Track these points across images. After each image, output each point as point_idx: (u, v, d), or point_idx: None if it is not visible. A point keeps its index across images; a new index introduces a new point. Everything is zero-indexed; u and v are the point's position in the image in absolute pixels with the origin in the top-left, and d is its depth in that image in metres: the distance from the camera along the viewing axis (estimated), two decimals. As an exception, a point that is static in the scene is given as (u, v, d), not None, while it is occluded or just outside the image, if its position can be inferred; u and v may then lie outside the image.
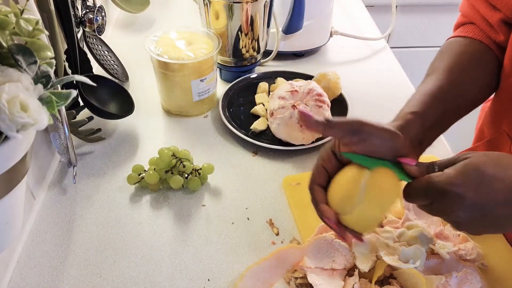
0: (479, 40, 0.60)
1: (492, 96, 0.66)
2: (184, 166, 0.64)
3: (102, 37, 0.84)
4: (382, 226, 0.57)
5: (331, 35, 1.01)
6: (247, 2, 0.78)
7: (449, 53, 0.60)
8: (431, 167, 0.43)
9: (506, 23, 0.58)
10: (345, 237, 0.47)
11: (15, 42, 0.37)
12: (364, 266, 0.51)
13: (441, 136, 0.77)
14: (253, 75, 0.88)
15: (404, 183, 0.45)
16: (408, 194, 0.44)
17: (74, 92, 0.38)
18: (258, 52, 0.88)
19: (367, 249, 0.52)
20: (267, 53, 0.93)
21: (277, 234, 0.60)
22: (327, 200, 0.48)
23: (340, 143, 0.47)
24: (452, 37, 0.64)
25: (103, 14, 0.79)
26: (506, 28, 0.58)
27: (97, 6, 0.77)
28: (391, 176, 0.44)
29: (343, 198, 0.46)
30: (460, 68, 0.57)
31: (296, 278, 0.53)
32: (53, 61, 0.40)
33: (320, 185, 0.49)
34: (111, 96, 0.76)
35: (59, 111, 0.61)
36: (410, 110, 0.51)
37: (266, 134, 0.76)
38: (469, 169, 0.40)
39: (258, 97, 0.83)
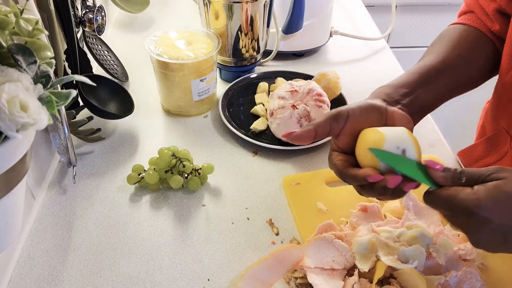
0: (475, 27, 0.63)
1: (491, 94, 0.67)
2: (184, 166, 0.64)
3: (102, 37, 0.84)
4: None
5: (331, 35, 1.01)
6: (246, 2, 0.78)
7: (445, 37, 0.63)
8: (458, 176, 0.42)
9: (501, 12, 0.61)
10: (398, 181, 0.44)
11: (15, 42, 0.37)
12: (364, 266, 0.51)
13: (441, 136, 0.77)
14: (253, 75, 0.88)
15: None
16: (431, 201, 0.43)
17: (74, 92, 0.38)
18: (258, 52, 0.88)
19: (367, 249, 0.52)
20: (267, 53, 0.93)
21: (277, 234, 0.60)
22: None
23: (335, 139, 0.49)
24: (452, 24, 0.67)
25: (103, 14, 0.79)
26: (501, 17, 0.61)
27: (97, 6, 0.77)
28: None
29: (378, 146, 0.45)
30: (450, 49, 0.59)
31: (296, 278, 0.53)
32: (53, 61, 0.40)
33: (340, 151, 0.49)
34: (111, 96, 0.76)
35: (59, 111, 0.61)
36: (394, 82, 0.55)
37: (266, 134, 0.76)
38: (500, 193, 0.39)
39: (258, 97, 0.83)
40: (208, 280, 0.54)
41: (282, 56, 0.97)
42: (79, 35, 0.76)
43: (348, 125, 0.48)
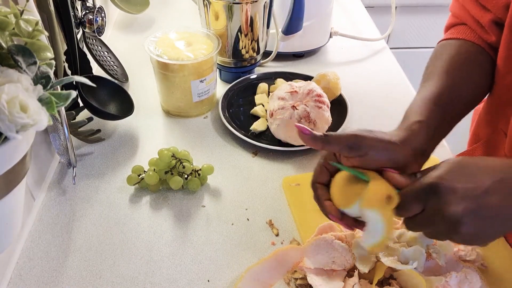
0: (471, 41, 0.60)
1: (485, 98, 0.66)
2: (183, 167, 0.64)
3: (101, 37, 0.84)
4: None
5: (330, 36, 1.01)
6: (246, 3, 0.78)
7: (443, 56, 0.60)
8: (414, 175, 0.44)
9: (497, 23, 0.58)
10: (352, 227, 0.47)
11: (15, 42, 0.37)
12: (364, 267, 0.51)
13: (442, 141, 0.77)
14: (253, 76, 0.88)
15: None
16: (401, 205, 0.43)
17: (74, 93, 0.38)
18: (257, 52, 0.88)
19: (366, 251, 0.52)
20: (266, 54, 0.93)
21: (277, 235, 0.60)
22: (330, 197, 0.48)
23: (341, 155, 0.48)
24: (444, 39, 0.64)
25: (102, 15, 0.79)
26: (497, 28, 0.58)
27: (97, 7, 0.77)
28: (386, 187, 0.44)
29: (343, 199, 0.46)
30: (456, 71, 0.57)
31: (296, 278, 0.53)
32: (53, 61, 0.40)
33: (322, 183, 0.49)
34: (110, 97, 0.76)
35: (58, 111, 0.61)
36: (416, 119, 0.50)
37: (266, 135, 0.76)
38: (452, 165, 0.41)
39: (258, 98, 0.83)
40: (208, 281, 0.54)
41: (282, 57, 0.97)
42: (79, 36, 0.76)
43: (361, 159, 0.45)
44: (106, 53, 0.87)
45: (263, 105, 0.81)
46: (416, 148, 0.47)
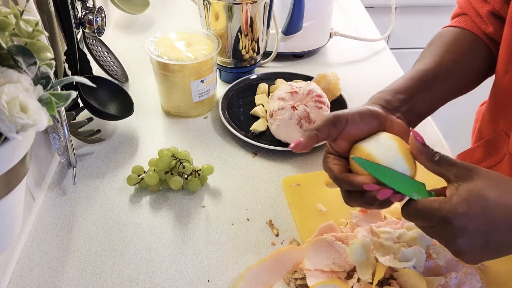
0: (469, 30, 0.62)
1: (488, 97, 0.67)
2: (183, 167, 0.64)
3: (101, 38, 0.84)
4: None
5: (330, 36, 1.01)
6: (246, 3, 0.78)
7: (439, 40, 0.62)
8: (432, 153, 0.43)
9: (495, 15, 0.60)
10: (388, 195, 0.45)
11: (15, 43, 0.37)
12: (366, 275, 0.51)
13: (441, 138, 0.77)
14: (253, 76, 0.88)
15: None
16: (408, 213, 0.44)
17: (74, 93, 0.38)
18: (257, 53, 0.88)
19: (364, 255, 0.52)
20: (266, 54, 0.93)
21: (277, 235, 0.60)
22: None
23: (332, 142, 0.49)
24: (445, 27, 0.66)
25: (102, 15, 0.79)
26: (495, 20, 0.60)
27: (97, 7, 0.77)
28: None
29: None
30: (445, 53, 0.59)
31: (296, 279, 0.53)
32: (53, 62, 0.40)
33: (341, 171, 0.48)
34: (110, 97, 0.77)
35: (58, 112, 0.61)
36: (381, 90, 0.54)
37: (266, 135, 0.76)
38: (473, 197, 0.40)
39: (258, 98, 0.83)
40: (208, 281, 0.54)
41: (282, 57, 0.97)
42: (79, 36, 0.76)
43: (347, 130, 0.47)
44: (106, 53, 0.87)
45: (263, 106, 0.81)
46: (390, 105, 0.51)
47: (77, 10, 0.75)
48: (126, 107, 0.76)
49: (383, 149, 0.45)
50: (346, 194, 0.47)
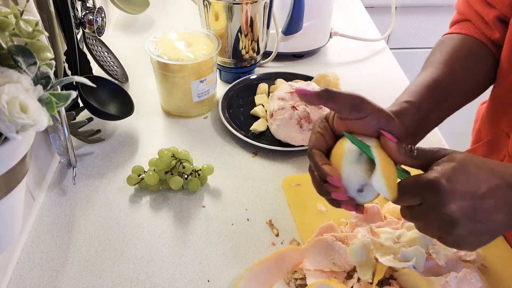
0: (473, 36, 0.61)
1: (488, 97, 0.66)
2: (183, 167, 0.64)
3: (101, 38, 0.84)
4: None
5: (330, 36, 1.01)
6: (246, 3, 0.78)
7: (444, 47, 0.61)
8: (409, 149, 0.43)
9: (502, 20, 0.59)
10: (347, 204, 0.45)
11: (15, 43, 0.37)
12: (366, 276, 0.51)
13: (441, 137, 0.77)
14: (253, 76, 0.88)
15: None
16: (399, 195, 0.43)
17: (74, 93, 0.38)
18: (257, 53, 0.88)
19: (363, 255, 0.52)
20: (266, 54, 0.93)
21: (277, 235, 0.60)
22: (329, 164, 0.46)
23: (336, 116, 0.47)
24: (447, 33, 0.65)
25: (102, 15, 0.79)
26: (502, 25, 0.59)
27: (97, 7, 0.77)
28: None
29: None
30: (455, 61, 0.58)
31: (296, 279, 0.53)
32: (53, 62, 0.40)
33: (320, 150, 0.47)
34: (110, 97, 0.77)
35: (58, 112, 0.61)
36: (405, 99, 0.52)
37: (266, 135, 0.76)
38: (455, 163, 0.41)
39: (258, 98, 0.83)
40: (208, 281, 0.54)
41: (282, 57, 0.97)
42: (79, 36, 0.76)
43: (359, 122, 0.45)
44: (106, 53, 0.87)
45: (263, 106, 0.81)
46: (407, 126, 0.49)
47: (77, 10, 0.75)
48: (126, 107, 0.76)
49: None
50: (310, 167, 0.48)
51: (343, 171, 0.44)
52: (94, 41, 0.83)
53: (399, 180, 0.43)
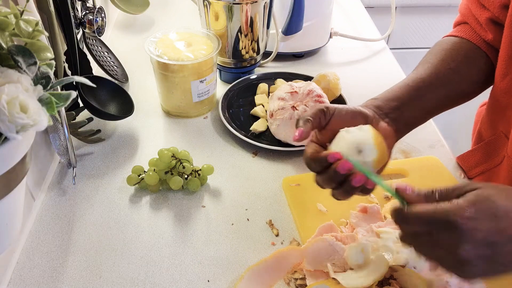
0: (468, 39, 0.62)
1: (487, 99, 0.67)
2: (183, 167, 0.64)
3: (101, 38, 0.84)
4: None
5: (330, 36, 1.01)
6: (246, 3, 0.78)
7: (436, 50, 0.62)
8: (431, 195, 0.40)
9: (494, 22, 0.60)
10: (356, 175, 0.44)
11: (15, 43, 0.37)
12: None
13: (441, 137, 0.77)
14: (253, 76, 0.88)
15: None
16: (404, 218, 0.40)
17: (74, 93, 0.38)
18: (257, 53, 0.88)
19: (362, 259, 0.52)
20: (266, 54, 0.93)
21: (277, 235, 0.60)
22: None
23: (318, 132, 0.51)
24: (446, 36, 0.66)
25: (102, 15, 0.79)
26: (494, 27, 0.60)
27: (97, 7, 0.77)
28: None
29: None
30: (444, 62, 0.59)
31: (296, 279, 0.53)
32: (53, 62, 0.40)
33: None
34: (110, 97, 0.77)
35: (58, 112, 0.61)
36: (373, 97, 0.56)
37: (266, 135, 0.76)
38: (482, 200, 0.36)
39: (258, 98, 0.83)
40: (208, 281, 0.54)
41: (282, 57, 0.97)
42: (79, 36, 0.76)
43: (332, 121, 0.49)
44: (106, 53, 0.87)
45: (263, 106, 0.81)
46: (381, 111, 0.53)
47: (77, 10, 0.75)
48: (126, 107, 0.76)
49: (358, 132, 0.47)
50: (317, 178, 0.49)
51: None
52: (94, 41, 0.83)
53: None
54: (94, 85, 0.44)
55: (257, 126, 0.76)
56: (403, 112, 0.54)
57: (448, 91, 0.58)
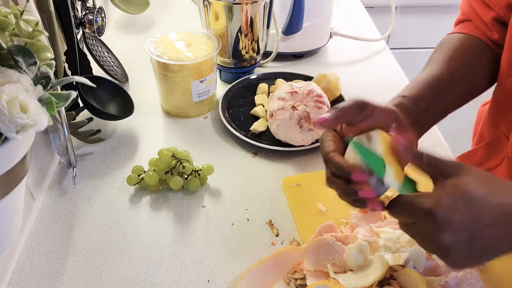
0: (474, 35, 0.62)
1: (490, 98, 0.67)
2: (183, 167, 0.64)
3: (101, 38, 0.84)
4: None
5: (330, 36, 1.01)
6: (246, 3, 0.78)
7: (446, 46, 0.62)
8: (419, 154, 0.41)
9: (499, 21, 0.60)
10: (373, 201, 0.44)
11: (15, 43, 0.37)
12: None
13: (441, 137, 0.77)
14: (253, 76, 0.88)
15: None
16: (393, 208, 0.43)
17: (74, 93, 0.38)
18: (257, 53, 0.88)
19: (361, 260, 0.52)
20: (266, 54, 0.93)
21: (277, 235, 0.60)
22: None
23: (345, 123, 0.48)
24: (450, 33, 0.66)
25: (102, 15, 0.79)
26: (500, 26, 0.60)
27: (97, 7, 0.77)
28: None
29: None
30: (455, 59, 0.59)
31: (296, 279, 0.53)
32: (53, 62, 0.40)
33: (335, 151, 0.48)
34: (110, 97, 0.77)
35: (58, 112, 0.61)
36: (402, 94, 0.54)
37: (266, 135, 0.76)
38: (458, 192, 0.39)
39: (258, 98, 0.83)
40: (208, 281, 0.54)
41: (282, 57, 0.97)
42: (79, 36, 0.76)
43: (368, 121, 0.46)
44: (106, 53, 0.87)
45: (263, 106, 0.81)
46: (410, 112, 0.51)
47: (77, 10, 0.75)
48: (126, 107, 0.76)
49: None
50: (329, 175, 0.47)
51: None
52: (94, 41, 0.83)
53: (399, 194, 0.42)
54: (94, 85, 0.44)
55: (257, 126, 0.76)
56: (427, 114, 0.53)
57: (463, 88, 0.58)
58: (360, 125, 0.47)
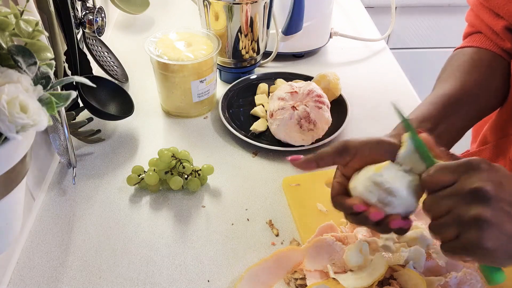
0: (486, 48, 0.60)
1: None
2: (183, 167, 0.64)
3: (101, 38, 0.84)
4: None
5: (330, 36, 1.01)
6: (246, 3, 0.78)
7: (456, 62, 0.60)
8: (454, 155, 0.42)
9: (510, 30, 0.58)
10: (394, 219, 0.44)
11: (15, 43, 0.37)
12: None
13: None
14: (253, 76, 0.88)
15: None
16: (434, 173, 0.41)
17: (74, 93, 0.38)
18: (257, 53, 0.88)
19: (361, 260, 0.52)
20: (266, 54, 0.93)
21: (277, 235, 0.60)
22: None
23: (339, 167, 0.49)
24: (459, 47, 0.64)
25: (102, 15, 0.79)
26: (511, 35, 0.58)
27: (97, 7, 0.77)
28: None
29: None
30: (467, 75, 0.57)
31: (296, 279, 0.53)
32: (53, 62, 0.40)
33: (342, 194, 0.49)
34: (110, 97, 0.77)
35: (58, 112, 0.61)
36: (417, 114, 0.53)
37: (266, 135, 0.76)
38: (502, 173, 0.39)
39: (258, 98, 0.83)
40: (208, 281, 0.54)
41: (282, 57, 0.97)
42: (79, 36, 0.76)
43: (356, 160, 0.47)
44: (106, 53, 0.87)
45: (263, 106, 0.81)
46: None
47: (77, 10, 0.75)
48: (126, 107, 0.76)
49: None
50: (346, 215, 0.48)
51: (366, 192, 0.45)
52: (94, 41, 0.83)
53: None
54: (94, 85, 0.44)
55: (257, 126, 0.76)
56: (438, 134, 0.51)
57: (477, 105, 0.56)
58: (350, 165, 0.47)
